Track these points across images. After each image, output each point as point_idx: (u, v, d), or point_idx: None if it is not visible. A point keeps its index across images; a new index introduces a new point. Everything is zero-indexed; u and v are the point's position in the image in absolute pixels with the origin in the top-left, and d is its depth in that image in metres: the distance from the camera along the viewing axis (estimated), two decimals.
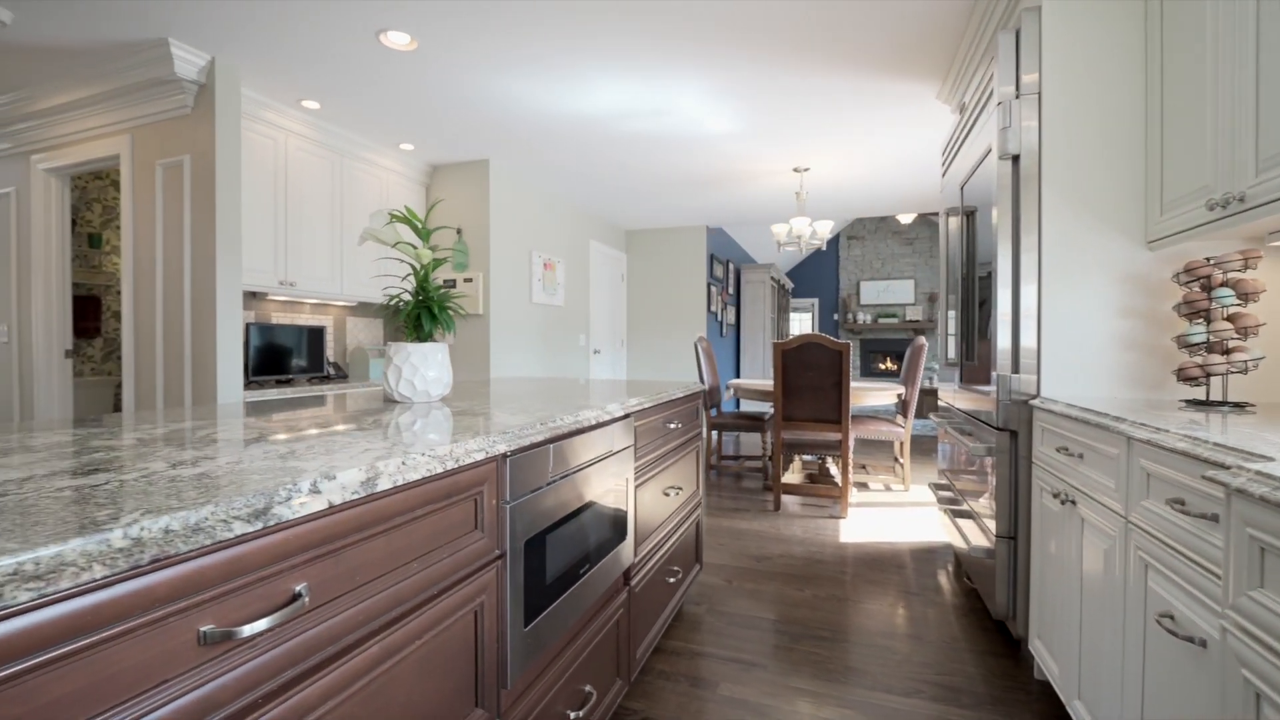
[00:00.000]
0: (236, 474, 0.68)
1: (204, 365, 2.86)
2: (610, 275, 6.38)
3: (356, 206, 3.86)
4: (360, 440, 0.91)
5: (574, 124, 3.62)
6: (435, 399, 1.52)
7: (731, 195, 5.26)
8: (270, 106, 3.28)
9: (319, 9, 2.41)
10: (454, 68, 2.90)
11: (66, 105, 3.17)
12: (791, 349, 3.36)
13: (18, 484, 0.63)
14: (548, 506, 1.15)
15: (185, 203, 2.91)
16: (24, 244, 3.55)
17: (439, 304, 1.49)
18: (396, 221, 1.44)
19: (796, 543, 2.96)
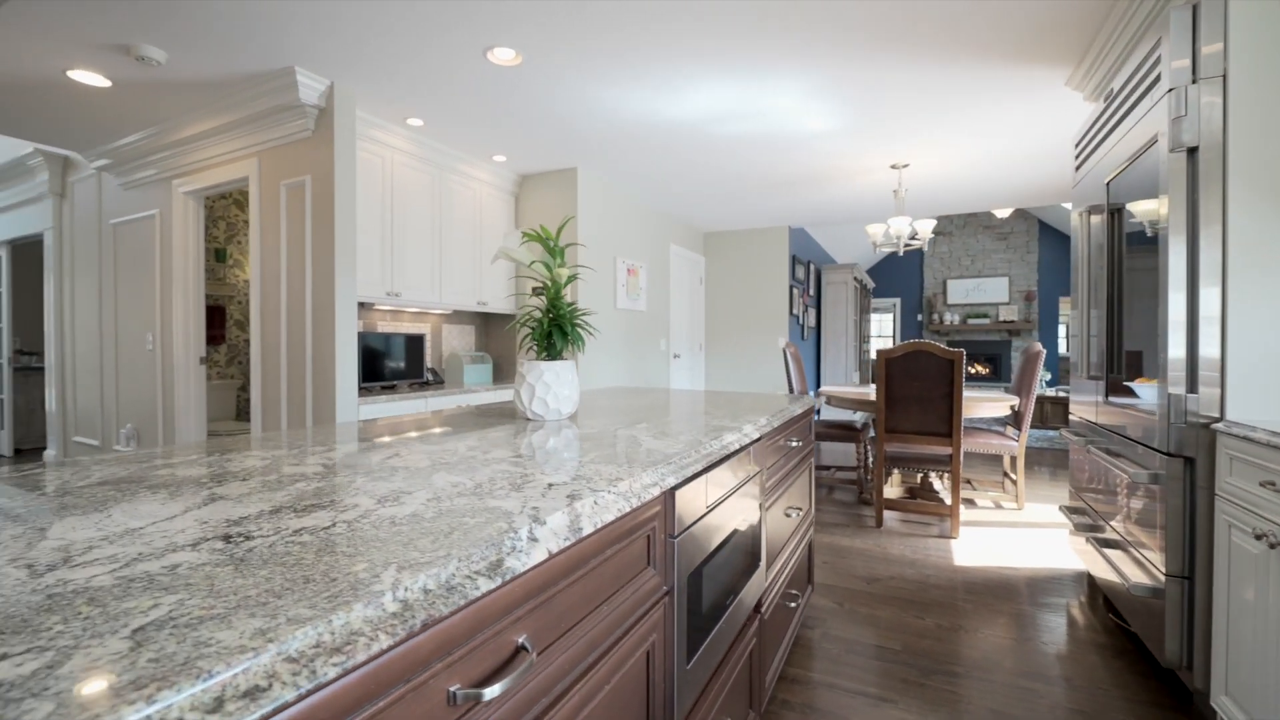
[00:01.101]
0: (446, 516, 0.67)
1: (324, 372, 3.04)
2: (689, 279, 6.32)
3: (453, 218, 4.00)
4: (530, 470, 0.90)
5: (663, 130, 3.59)
6: (565, 417, 1.52)
7: (821, 194, 5.08)
8: (379, 125, 3.44)
9: (432, 30, 2.49)
10: (552, 80, 2.93)
11: (203, 133, 3.45)
12: (897, 357, 3.18)
13: (255, 523, 0.64)
14: (703, 538, 1.11)
15: (306, 220, 3.09)
16: (166, 260, 3.91)
17: (570, 322, 1.48)
18: (530, 239, 1.44)
19: (906, 564, 2.80)
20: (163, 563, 0.53)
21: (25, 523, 0.64)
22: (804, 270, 6.84)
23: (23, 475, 0.87)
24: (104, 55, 2.70)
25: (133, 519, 0.66)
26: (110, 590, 0.47)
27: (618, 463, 0.96)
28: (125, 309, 4.22)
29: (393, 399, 3.27)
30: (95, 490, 0.78)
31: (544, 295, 1.49)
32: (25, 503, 0.73)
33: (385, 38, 2.55)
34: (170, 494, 0.76)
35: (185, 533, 0.61)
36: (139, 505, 0.71)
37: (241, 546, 0.57)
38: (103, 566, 0.52)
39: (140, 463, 0.96)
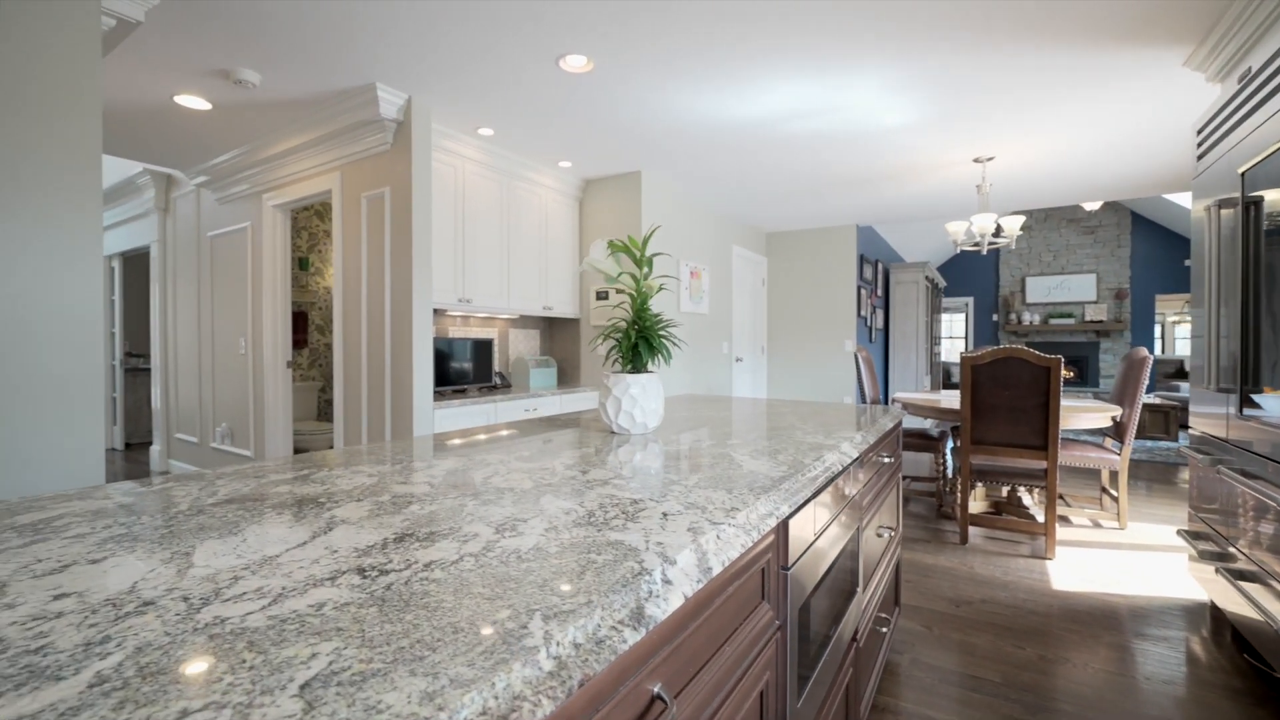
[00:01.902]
0: (571, 551, 0.64)
1: (402, 377, 3.14)
2: (751, 280, 6.20)
3: (520, 224, 4.06)
4: (638, 495, 0.86)
5: (731, 130, 3.51)
6: (650, 430, 1.48)
7: (894, 191, 4.86)
8: (451, 136, 3.53)
9: (506, 42, 2.52)
10: (621, 85, 2.92)
11: (290, 150, 3.64)
12: (985, 364, 2.98)
13: (383, 553, 0.63)
14: (811, 567, 1.04)
15: (385, 230, 3.21)
16: (256, 270, 4.15)
17: (655, 334, 1.44)
18: (617, 250, 1.42)
19: (998, 586, 2.61)
20: (308, 600, 0.52)
21: (171, 545, 0.66)
22: (872, 270, 6.57)
23: (157, 489, 0.91)
24: (206, 80, 2.89)
25: (266, 544, 0.66)
26: (266, 633, 0.46)
27: (725, 488, 0.92)
28: (220, 315, 4.52)
29: (465, 403, 3.34)
30: (224, 509, 0.81)
31: (620, 301, 1.46)
32: (165, 521, 0.75)
33: (461, 51, 2.60)
34: (294, 516, 0.77)
35: (319, 564, 0.61)
36: (268, 528, 0.72)
37: (379, 583, 0.56)
38: (253, 603, 0.51)
39: (257, 477, 0.99)
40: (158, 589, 0.54)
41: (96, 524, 0.74)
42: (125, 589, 0.54)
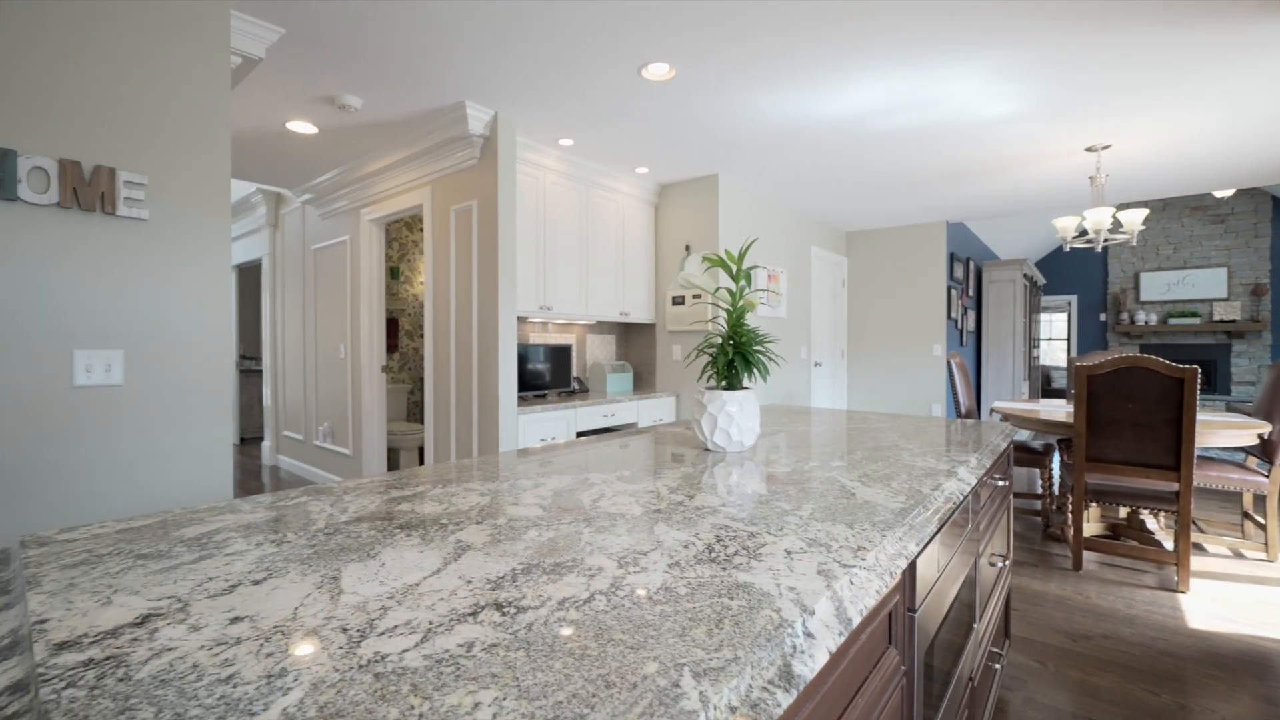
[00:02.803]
0: (701, 593, 0.63)
1: (488, 381, 3.25)
2: (830, 282, 5.98)
3: (597, 231, 4.11)
4: (754, 528, 0.83)
5: (813, 129, 3.39)
6: (746, 449, 1.44)
7: (991, 185, 4.54)
8: (533, 148, 3.62)
9: (589, 53, 2.55)
10: (701, 89, 2.88)
11: (385, 167, 3.86)
12: (1104, 374, 2.72)
13: (515, 586, 0.64)
14: (934, 607, 0.98)
15: (473, 241, 3.33)
16: (354, 280, 4.44)
17: (751, 349, 1.40)
18: (714, 265, 1.39)
19: (1121, 620, 2.37)
20: (456, 638, 0.53)
21: (318, 568, 0.70)
22: (963, 268, 6.17)
23: (294, 504, 0.98)
24: (314, 106, 3.11)
25: (404, 570, 0.69)
26: (425, 675, 0.47)
27: (845, 522, 0.87)
28: (322, 322, 4.86)
29: (546, 408, 3.41)
30: (357, 528, 0.85)
31: (696, 305, 1.43)
32: (308, 540, 0.80)
33: (545, 66, 2.66)
34: (422, 539, 0.80)
35: (457, 595, 0.62)
36: (401, 552, 0.75)
37: (519, 621, 0.56)
38: (405, 638, 0.53)
39: (379, 493, 1.04)
40: (317, 616, 0.57)
41: (250, 540, 0.79)
42: (289, 615, 0.57)
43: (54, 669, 0.48)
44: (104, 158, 1.93)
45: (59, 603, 0.60)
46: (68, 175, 1.86)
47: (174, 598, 0.61)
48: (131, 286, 1.98)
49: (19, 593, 0.64)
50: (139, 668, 0.48)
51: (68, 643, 0.52)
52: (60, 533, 0.82)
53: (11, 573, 0.71)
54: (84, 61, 1.90)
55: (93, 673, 0.47)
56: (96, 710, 0.42)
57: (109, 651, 0.50)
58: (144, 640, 0.52)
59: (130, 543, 0.78)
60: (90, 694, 0.44)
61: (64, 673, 0.47)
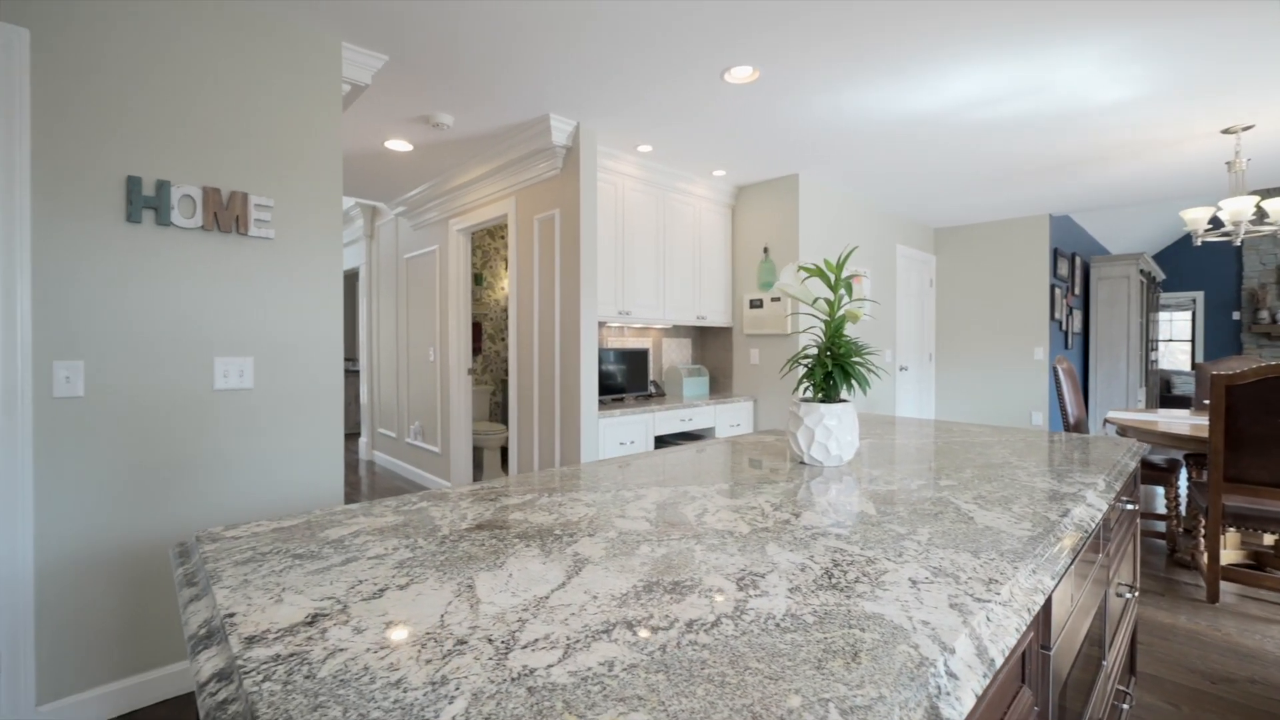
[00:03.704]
0: (830, 623, 0.61)
1: (570, 385, 3.33)
2: (917, 281, 5.70)
3: (674, 236, 4.11)
4: (871, 552, 0.81)
5: (903, 123, 3.24)
6: (844, 464, 1.40)
7: (1103, 175, 4.17)
8: (613, 155, 3.68)
9: (671, 60, 2.55)
10: (785, 89, 2.82)
11: (472, 180, 4.04)
12: (1247, 384, 2.43)
13: (640, 605, 0.65)
14: (1069, 643, 0.91)
15: (556, 249, 3.43)
16: (443, 287, 4.68)
17: (850, 363, 1.36)
18: (813, 275, 1.36)
19: (1271, 663, 2.11)
20: (595, 656, 0.55)
21: (453, 575, 0.74)
22: (1068, 265, 5.70)
23: (416, 508, 1.04)
24: (410, 126, 3.30)
25: (531, 582, 0.72)
26: (575, 693, 0.49)
27: (970, 550, 0.82)
28: (414, 326, 5.16)
29: (625, 412, 3.46)
30: (479, 536, 0.89)
31: (773, 309, 1.39)
32: (438, 546, 0.85)
33: (626, 75, 2.69)
34: (541, 549, 0.83)
35: (587, 612, 0.64)
36: (525, 563, 0.78)
37: (652, 642, 0.57)
38: (548, 653, 0.55)
39: (491, 500, 1.09)
40: (462, 625, 0.61)
41: (386, 544, 0.85)
42: (436, 622, 0.62)
43: (250, 661, 0.54)
44: (238, 183, 2.15)
45: (240, 598, 0.67)
46: (210, 201, 2.08)
47: (333, 599, 0.67)
48: (260, 299, 2.19)
49: (204, 585, 0.73)
50: (319, 666, 0.53)
51: (255, 637, 0.58)
52: (226, 529, 0.92)
53: (194, 565, 0.80)
54: (220, 98, 2.12)
55: (282, 668, 0.53)
56: (294, 705, 0.47)
57: (291, 649, 0.56)
58: (318, 640, 0.58)
59: (284, 542, 0.86)
60: (284, 689, 0.50)
61: (258, 666, 0.53)
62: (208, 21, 2.07)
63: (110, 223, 1.90)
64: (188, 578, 0.77)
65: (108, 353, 1.89)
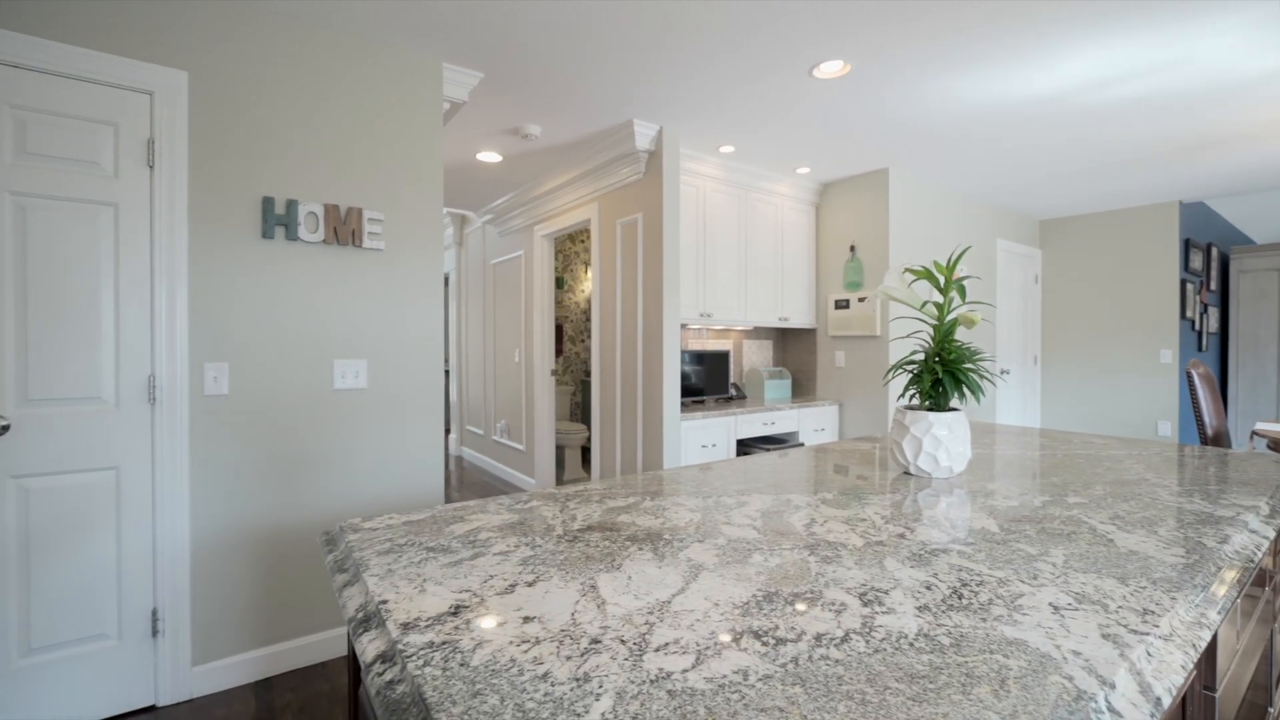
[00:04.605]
0: (968, 646, 0.59)
1: (653, 387, 3.37)
2: (1020, 278, 5.29)
3: (755, 236, 4.05)
4: (1002, 572, 0.76)
5: (1006, 110, 3.02)
6: (955, 476, 1.33)
7: (1248, 154, 3.70)
8: (695, 158, 3.67)
9: (756, 58, 2.52)
10: (877, 82, 2.71)
11: (556, 187, 4.17)
12: None
13: (765, 614, 0.65)
14: (1234, 686, 0.82)
15: (638, 253, 3.47)
16: (528, 291, 4.86)
17: (962, 369, 1.29)
18: (922, 277, 1.30)
19: None
20: (728, 664, 0.55)
21: (575, 574, 0.77)
22: (1202, 257, 5.09)
23: (528, 507, 1.09)
24: (501, 137, 3.46)
25: (650, 586, 0.74)
26: (715, 700, 0.50)
27: (1115, 575, 0.76)
28: (500, 329, 5.39)
29: (706, 415, 3.45)
30: (592, 537, 0.93)
31: (862, 311, 1.33)
32: (555, 545, 0.89)
33: (709, 77, 2.68)
34: (654, 553, 0.85)
35: (710, 618, 0.65)
36: (640, 566, 0.80)
37: (781, 654, 0.57)
38: (680, 657, 0.57)
39: (597, 502, 1.13)
40: (594, 625, 0.64)
41: (507, 541, 0.90)
42: (568, 620, 0.65)
43: (409, 646, 0.59)
44: (354, 200, 2.33)
45: (388, 586, 0.74)
46: (330, 217, 2.27)
47: (470, 592, 0.72)
48: (371, 305, 2.37)
49: (354, 572, 0.80)
50: (470, 655, 0.57)
51: (409, 624, 0.64)
52: (364, 521, 1.01)
53: (342, 553, 0.88)
54: (337, 122, 2.31)
55: (438, 654, 0.57)
56: (455, 690, 0.51)
57: (443, 636, 0.61)
58: (464, 630, 0.62)
59: (416, 535, 0.93)
60: (444, 674, 0.54)
61: (417, 651, 0.58)
62: (328, 53, 2.27)
63: (248, 239, 2.12)
64: (338, 564, 0.85)
65: (247, 355, 2.11)
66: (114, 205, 1.89)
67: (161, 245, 1.95)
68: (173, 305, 1.97)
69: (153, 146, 1.94)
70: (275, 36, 2.16)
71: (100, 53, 1.85)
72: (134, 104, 1.91)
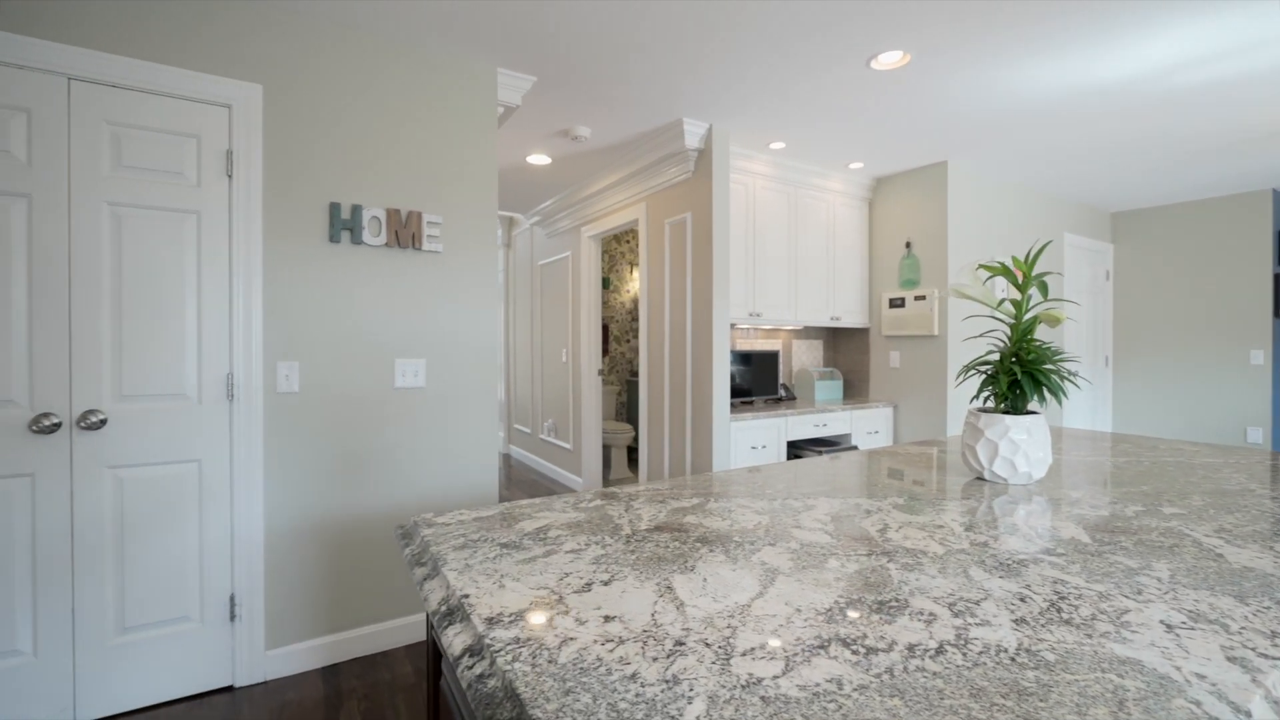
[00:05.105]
0: (1075, 663, 0.55)
1: (702, 387, 3.35)
2: (1090, 275, 5.01)
3: (806, 234, 3.97)
4: (1102, 586, 0.72)
5: (1084, 96, 2.86)
6: (1034, 482, 1.27)
7: None
8: (744, 155, 3.63)
9: (810, 54, 2.46)
10: (938, 72, 2.61)
11: (604, 188, 4.19)
12: None
13: (850, 622, 0.63)
14: None
15: (687, 252, 3.46)
16: (575, 291, 4.90)
17: (1042, 370, 1.22)
18: (997, 274, 1.24)
19: None
20: (820, 672, 0.54)
21: (649, 575, 0.77)
22: None
23: (593, 505, 1.10)
24: (551, 140, 3.50)
25: (727, 589, 0.73)
26: (811, 709, 0.49)
27: (1231, 593, 0.70)
28: (547, 329, 5.47)
29: (756, 416, 3.40)
30: (661, 538, 0.92)
31: (920, 310, 1.27)
32: (625, 545, 0.89)
33: (761, 73, 2.64)
34: (726, 555, 0.84)
35: (793, 624, 0.63)
36: (715, 568, 0.79)
37: (874, 663, 0.55)
38: (769, 663, 0.56)
39: (658, 503, 1.12)
40: (675, 627, 0.63)
41: (577, 540, 0.91)
42: (649, 620, 0.64)
43: (496, 641, 0.60)
44: (413, 204, 2.40)
45: (467, 581, 0.75)
46: (391, 221, 2.35)
47: (548, 589, 0.73)
48: (430, 306, 2.44)
49: (432, 566, 0.82)
50: (557, 652, 0.58)
51: (493, 619, 0.65)
52: (436, 516, 1.03)
53: (419, 546, 0.91)
54: (398, 129, 2.38)
55: (526, 650, 0.58)
56: (548, 687, 0.52)
57: (527, 633, 0.62)
58: (547, 627, 0.63)
59: (488, 531, 0.95)
60: (534, 670, 0.54)
61: (504, 647, 0.59)
62: (389, 63, 2.35)
63: (317, 243, 2.21)
64: (416, 557, 0.88)
65: (315, 355, 2.21)
66: (196, 213, 2.01)
67: (239, 250, 2.06)
68: (249, 307, 2.08)
69: (231, 157, 2.05)
70: (341, 49, 2.24)
71: (185, 70, 1.97)
72: (214, 117, 2.02)
